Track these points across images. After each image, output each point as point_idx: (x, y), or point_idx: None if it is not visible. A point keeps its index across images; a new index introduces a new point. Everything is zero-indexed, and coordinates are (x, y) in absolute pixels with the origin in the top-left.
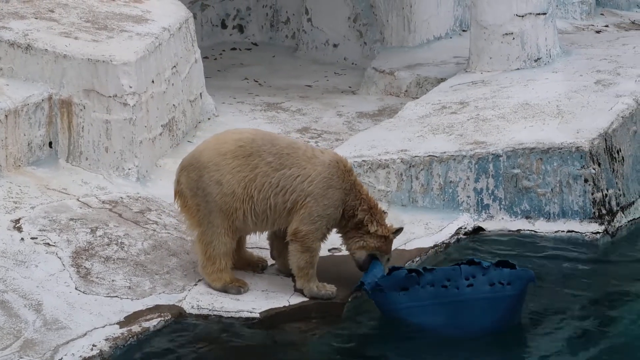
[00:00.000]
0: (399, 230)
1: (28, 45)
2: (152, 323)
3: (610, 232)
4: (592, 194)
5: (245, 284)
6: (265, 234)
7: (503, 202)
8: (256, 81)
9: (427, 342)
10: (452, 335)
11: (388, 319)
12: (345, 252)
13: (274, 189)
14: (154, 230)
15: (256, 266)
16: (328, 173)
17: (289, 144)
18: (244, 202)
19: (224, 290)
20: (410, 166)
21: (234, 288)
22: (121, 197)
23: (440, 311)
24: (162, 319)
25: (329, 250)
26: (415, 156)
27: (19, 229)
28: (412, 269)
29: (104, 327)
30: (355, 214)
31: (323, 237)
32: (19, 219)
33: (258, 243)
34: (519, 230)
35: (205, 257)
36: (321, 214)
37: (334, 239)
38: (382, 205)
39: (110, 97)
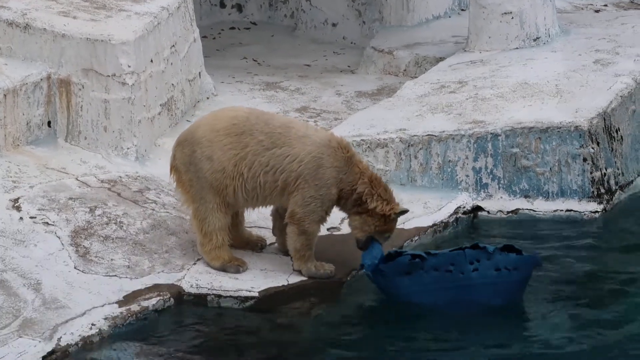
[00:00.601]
0: (402, 212)
1: (27, 24)
2: (151, 302)
3: (608, 211)
4: (591, 173)
5: (244, 263)
6: (267, 213)
7: (502, 181)
8: (255, 60)
9: (426, 321)
10: (453, 312)
11: (389, 298)
12: (343, 232)
13: (263, 168)
14: (153, 210)
15: (255, 245)
16: (318, 152)
17: (283, 124)
18: (234, 179)
19: (223, 269)
20: (409, 145)
21: (233, 267)
22: (120, 177)
23: (445, 295)
24: (161, 298)
25: (328, 230)
26: (414, 135)
27: (18, 208)
28: (416, 253)
29: (103, 306)
30: (354, 188)
31: (321, 220)
32: (18, 198)
33: (257, 222)
34: (517, 210)
35: (202, 235)
36: (314, 195)
37: (333, 219)
38: None
39: (108, 76)
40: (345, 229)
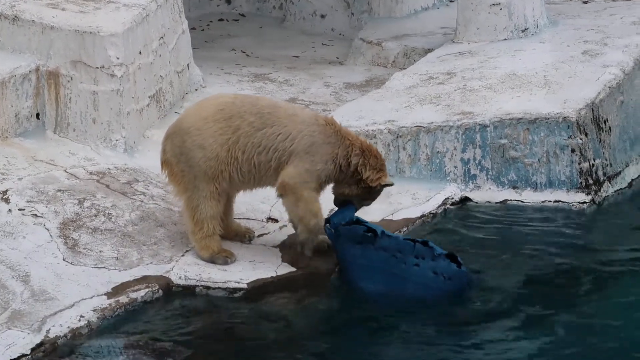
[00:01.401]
0: (387, 185)
1: (15, 16)
2: (140, 294)
3: (597, 202)
4: (579, 164)
5: (232, 254)
6: (256, 205)
7: (490, 173)
8: (243, 52)
9: (413, 311)
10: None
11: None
12: None
13: (256, 149)
14: (142, 201)
15: (244, 236)
16: (309, 130)
17: (269, 104)
18: (229, 165)
19: (211, 260)
20: (397, 137)
21: (221, 258)
22: (108, 168)
23: (384, 278)
24: (150, 289)
25: None
26: (403, 127)
27: (7, 201)
28: (372, 228)
29: (91, 298)
30: (350, 161)
31: (317, 189)
32: (7, 190)
33: (246, 214)
34: (505, 200)
35: (193, 222)
36: (308, 169)
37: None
38: None
39: (97, 68)
40: None
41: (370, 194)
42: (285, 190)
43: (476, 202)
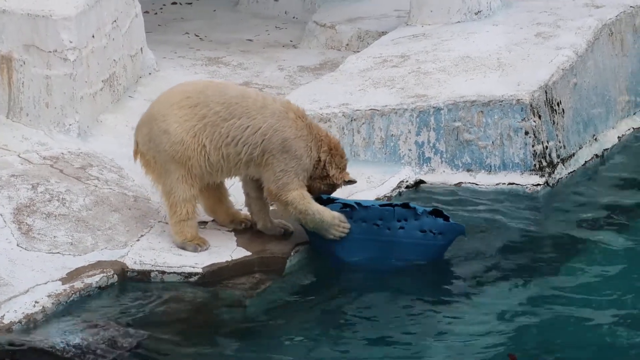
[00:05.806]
0: (350, 182)
1: None
2: (95, 279)
3: (550, 184)
4: (533, 146)
5: (205, 242)
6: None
7: (444, 155)
8: (197, 35)
9: (369, 295)
10: (375, 267)
11: (317, 250)
12: None
13: (224, 140)
14: (96, 186)
15: (239, 224)
16: (279, 125)
17: (239, 94)
18: (196, 152)
19: (182, 246)
20: (351, 120)
21: (192, 246)
22: (62, 153)
23: (370, 247)
24: (105, 274)
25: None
26: (357, 110)
27: None
28: (347, 203)
29: (46, 283)
30: (319, 157)
31: (299, 186)
32: None
33: None
34: (460, 183)
35: (168, 207)
36: (284, 169)
37: None
38: None
39: (50, 52)
40: None
41: (332, 189)
42: (272, 198)
43: (431, 185)
